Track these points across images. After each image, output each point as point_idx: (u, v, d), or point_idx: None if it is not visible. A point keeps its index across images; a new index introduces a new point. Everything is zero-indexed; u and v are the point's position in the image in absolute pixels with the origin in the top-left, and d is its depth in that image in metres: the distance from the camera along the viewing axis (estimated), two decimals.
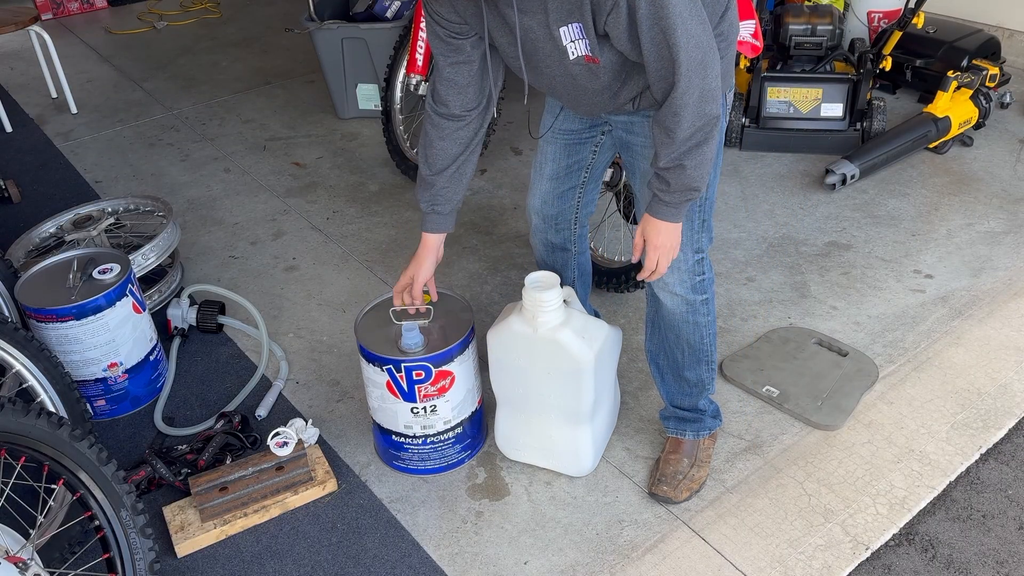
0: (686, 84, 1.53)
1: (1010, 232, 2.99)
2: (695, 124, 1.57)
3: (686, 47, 1.49)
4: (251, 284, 2.96)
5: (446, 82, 1.79)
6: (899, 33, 3.60)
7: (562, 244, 2.17)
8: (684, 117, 1.57)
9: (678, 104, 1.56)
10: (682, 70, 1.51)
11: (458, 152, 1.88)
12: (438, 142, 1.86)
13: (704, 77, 1.54)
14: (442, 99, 1.82)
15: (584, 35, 1.56)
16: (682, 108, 1.56)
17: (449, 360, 1.97)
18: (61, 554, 1.86)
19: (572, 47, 1.60)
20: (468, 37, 1.73)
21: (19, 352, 2.04)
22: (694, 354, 1.97)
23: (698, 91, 1.54)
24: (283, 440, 2.06)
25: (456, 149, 1.87)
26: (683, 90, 1.54)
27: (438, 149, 1.87)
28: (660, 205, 1.71)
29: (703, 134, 1.59)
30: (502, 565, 1.91)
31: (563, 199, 2.08)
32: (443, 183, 1.91)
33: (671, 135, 1.59)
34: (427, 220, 1.96)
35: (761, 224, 3.12)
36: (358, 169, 3.70)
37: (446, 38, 1.73)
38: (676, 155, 1.61)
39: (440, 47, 1.76)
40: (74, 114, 4.43)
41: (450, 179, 1.90)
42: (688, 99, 1.54)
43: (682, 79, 1.52)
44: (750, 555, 1.89)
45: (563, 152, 2.01)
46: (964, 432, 2.19)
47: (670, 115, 1.57)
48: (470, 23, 1.70)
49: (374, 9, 3.86)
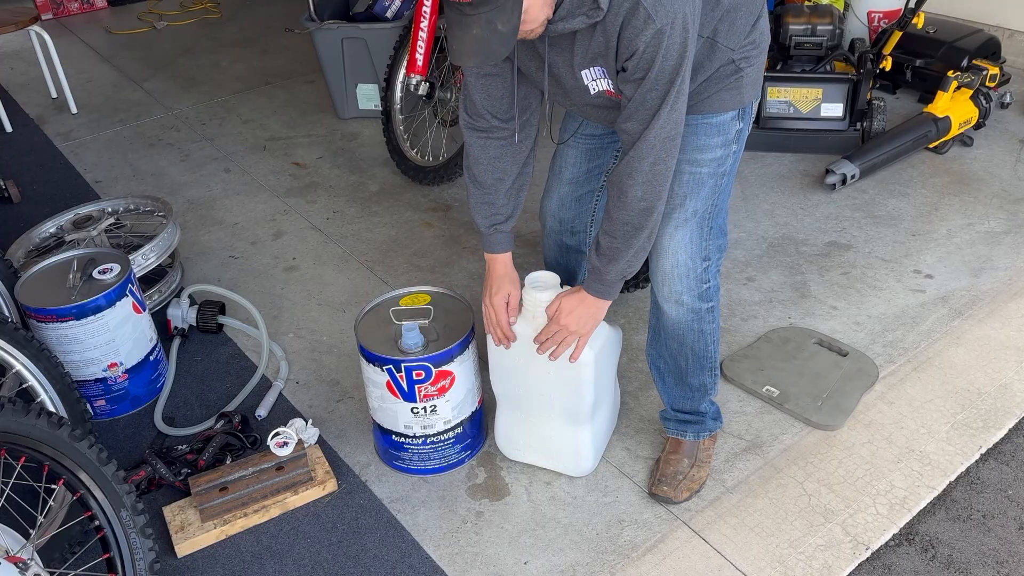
0: (647, 148, 1.59)
1: (1010, 232, 2.99)
2: (644, 192, 1.63)
3: (666, 120, 1.56)
4: (251, 284, 2.96)
5: (478, 92, 1.79)
6: (899, 33, 3.60)
7: (577, 246, 2.16)
8: (637, 181, 1.63)
9: (634, 167, 1.62)
10: (650, 135, 1.58)
11: (506, 168, 1.85)
12: (480, 156, 1.84)
13: (667, 152, 1.60)
14: (476, 110, 1.81)
15: (606, 75, 1.62)
16: (637, 172, 1.62)
17: (449, 360, 1.97)
18: (61, 554, 1.86)
19: (593, 84, 1.65)
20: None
21: (19, 352, 2.04)
22: (698, 361, 1.97)
23: (654, 161, 1.60)
24: (283, 440, 2.06)
25: (501, 163, 1.85)
26: (642, 154, 1.60)
27: (483, 166, 1.84)
28: (593, 282, 1.77)
29: (648, 207, 1.65)
30: (502, 565, 1.91)
31: (580, 202, 2.07)
32: (501, 200, 1.87)
33: (623, 196, 1.65)
34: (490, 240, 1.90)
35: (761, 224, 3.12)
36: (358, 169, 3.70)
37: None
38: (622, 221, 1.67)
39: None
40: (74, 114, 4.43)
41: (506, 195, 1.87)
42: (644, 164, 1.61)
43: (646, 142, 1.59)
44: (750, 555, 1.89)
45: (584, 156, 2.01)
46: (964, 432, 2.19)
47: (625, 175, 1.64)
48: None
49: (374, 9, 3.86)
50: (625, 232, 1.68)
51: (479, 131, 1.83)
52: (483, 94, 1.79)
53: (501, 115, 1.81)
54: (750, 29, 1.71)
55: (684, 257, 1.81)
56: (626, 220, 1.67)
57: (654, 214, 1.67)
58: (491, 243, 1.91)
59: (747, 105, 1.79)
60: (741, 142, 1.83)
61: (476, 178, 1.86)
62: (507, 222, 1.89)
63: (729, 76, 1.72)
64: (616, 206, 1.67)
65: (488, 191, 1.86)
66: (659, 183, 1.64)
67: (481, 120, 1.81)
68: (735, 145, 1.81)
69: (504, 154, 1.84)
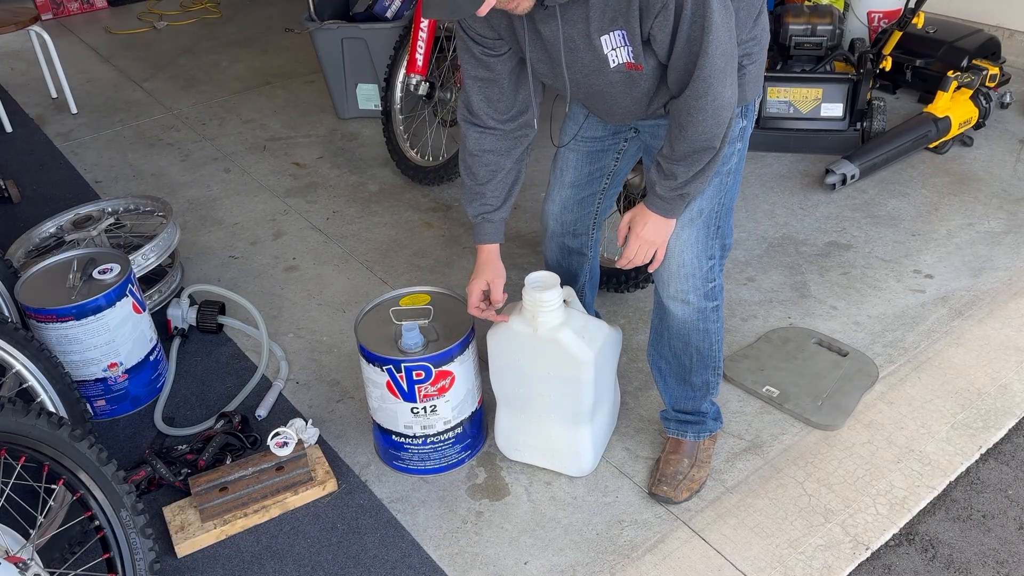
0: (704, 87, 1.55)
1: (1010, 232, 2.99)
2: (706, 128, 1.59)
3: (714, 54, 1.51)
4: (251, 284, 2.96)
5: (476, 95, 1.80)
6: (899, 33, 3.60)
7: (579, 248, 2.16)
8: (697, 119, 1.59)
9: (692, 106, 1.57)
10: (704, 72, 1.53)
11: (500, 162, 1.87)
12: (476, 150, 1.86)
13: (723, 85, 1.56)
14: (474, 111, 1.82)
15: (627, 42, 1.57)
16: (696, 110, 1.58)
17: (449, 360, 1.97)
18: (61, 554, 1.86)
19: (613, 55, 1.60)
20: (501, 54, 1.73)
21: (19, 352, 2.04)
22: (702, 360, 1.97)
23: (714, 96, 1.56)
24: (283, 440, 2.06)
25: (495, 157, 1.86)
26: (700, 92, 1.55)
27: (478, 159, 1.86)
28: (654, 198, 1.73)
29: (709, 141, 1.61)
30: (502, 565, 1.91)
31: (583, 205, 2.07)
32: (492, 192, 1.89)
33: (683, 132, 1.61)
34: (479, 230, 1.94)
35: (761, 224, 3.12)
36: (358, 169, 3.70)
37: (480, 55, 1.74)
38: (683, 152, 1.63)
39: (470, 63, 1.77)
40: (74, 114, 4.43)
41: (497, 187, 1.89)
42: (704, 102, 1.56)
43: (701, 82, 1.54)
44: (750, 555, 1.89)
45: (585, 160, 2.00)
46: (964, 432, 2.19)
47: (684, 113, 1.59)
48: (504, 38, 1.71)
49: (374, 9, 3.86)
50: (688, 160, 1.64)
51: (476, 127, 1.85)
52: (480, 97, 1.80)
53: (498, 117, 1.82)
54: (752, 24, 1.71)
55: (690, 256, 1.81)
56: (686, 151, 1.64)
57: (715, 142, 1.62)
58: (479, 232, 1.95)
59: (749, 103, 1.79)
60: (745, 140, 1.83)
61: (470, 169, 1.89)
62: (495, 212, 1.92)
63: None
64: (678, 138, 1.63)
65: (480, 182, 1.89)
66: (722, 115, 1.59)
67: (478, 120, 1.83)
68: (739, 143, 1.81)
69: (499, 149, 1.86)
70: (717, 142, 1.62)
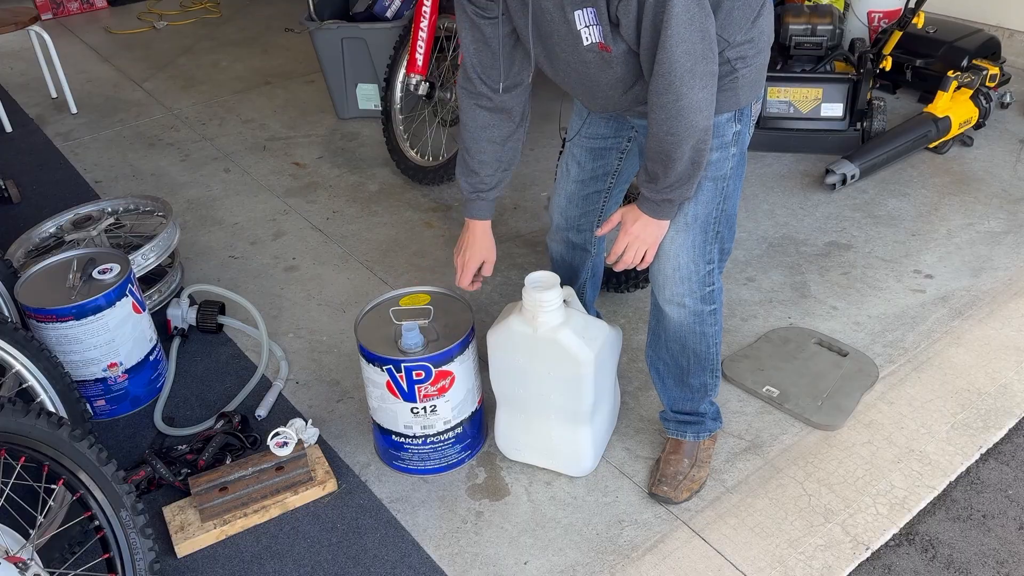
0: (665, 84, 1.54)
1: (1010, 232, 2.99)
2: (671, 127, 1.58)
3: (674, 50, 1.50)
4: (251, 284, 2.96)
5: (470, 58, 1.82)
6: (899, 33, 3.60)
7: (582, 244, 2.17)
8: (660, 118, 1.58)
9: (655, 102, 1.57)
10: (663, 68, 1.52)
11: (491, 135, 1.89)
12: (471, 125, 1.89)
13: (689, 86, 1.53)
14: (468, 75, 1.85)
15: (598, 20, 1.56)
16: (658, 107, 1.57)
17: (449, 360, 1.97)
18: (61, 554, 1.86)
19: (586, 32, 1.59)
20: (493, 17, 1.74)
21: (19, 352, 2.04)
22: (699, 363, 1.96)
23: (678, 96, 1.54)
24: (283, 440, 2.06)
25: (488, 132, 1.89)
26: (662, 88, 1.55)
27: (471, 130, 1.89)
28: (642, 198, 1.75)
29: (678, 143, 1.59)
30: (502, 565, 1.91)
31: (588, 201, 2.08)
32: (486, 171, 1.93)
33: (651, 129, 1.62)
34: (471, 206, 1.98)
35: (761, 224, 3.12)
36: (358, 169, 3.70)
37: (472, 15, 1.75)
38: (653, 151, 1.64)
39: (465, 23, 1.78)
40: (74, 114, 4.43)
41: (491, 166, 1.92)
42: (666, 100, 1.55)
43: (661, 77, 1.54)
44: (750, 555, 1.89)
45: (589, 157, 2.01)
46: (964, 432, 2.19)
47: (651, 109, 1.60)
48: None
49: (374, 9, 3.86)
50: (662, 160, 1.64)
51: (471, 95, 1.87)
52: (474, 60, 1.82)
53: (490, 83, 1.84)
54: (750, 25, 1.67)
55: (686, 260, 1.80)
56: (656, 150, 1.64)
57: (683, 146, 1.60)
58: (471, 208, 1.98)
59: (744, 107, 1.75)
60: (741, 145, 1.79)
61: (465, 143, 1.92)
62: (489, 192, 1.95)
63: (723, 77, 1.66)
64: (649, 136, 1.63)
65: (474, 158, 1.92)
66: (689, 117, 1.55)
67: (471, 85, 1.85)
68: (733, 148, 1.77)
69: (491, 124, 1.88)
70: (687, 144, 1.59)
